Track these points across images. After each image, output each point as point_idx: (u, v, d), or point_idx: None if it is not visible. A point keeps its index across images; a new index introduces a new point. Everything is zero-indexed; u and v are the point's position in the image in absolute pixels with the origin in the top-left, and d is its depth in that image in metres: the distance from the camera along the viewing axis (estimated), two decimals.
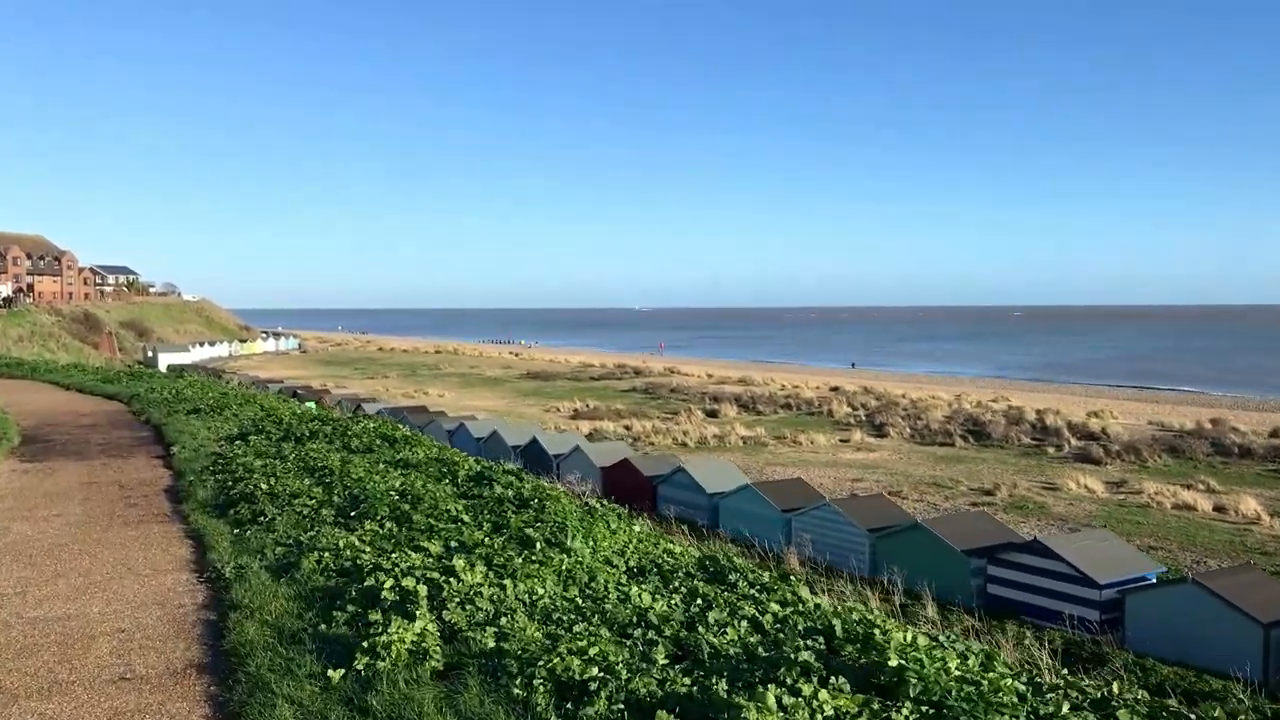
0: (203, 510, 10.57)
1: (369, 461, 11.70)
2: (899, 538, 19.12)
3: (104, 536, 9.91)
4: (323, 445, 13.03)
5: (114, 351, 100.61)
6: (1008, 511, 28.17)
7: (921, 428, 46.07)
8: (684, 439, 43.84)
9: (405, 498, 9.14)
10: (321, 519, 8.96)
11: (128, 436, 18.35)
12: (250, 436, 14.61)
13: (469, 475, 10.62)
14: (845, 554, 19.93)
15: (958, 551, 17.84)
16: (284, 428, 15.03)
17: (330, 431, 14.51)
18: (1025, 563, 16.79)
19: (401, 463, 11.85)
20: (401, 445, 13.15)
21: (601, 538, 6.96)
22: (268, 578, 7.17)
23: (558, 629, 5.16)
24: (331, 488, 10.12)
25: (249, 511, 9.77)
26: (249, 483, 10.75)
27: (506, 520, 7.72)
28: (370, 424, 15.11)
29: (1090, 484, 32.07)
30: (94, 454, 16.01)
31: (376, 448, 13.00)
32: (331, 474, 10.77)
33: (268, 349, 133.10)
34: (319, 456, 11.92)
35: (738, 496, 22.98)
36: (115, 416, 21.86)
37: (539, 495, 8.93)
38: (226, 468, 12.37)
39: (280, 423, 15.90)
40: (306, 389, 53.12)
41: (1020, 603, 16.74)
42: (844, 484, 32.68)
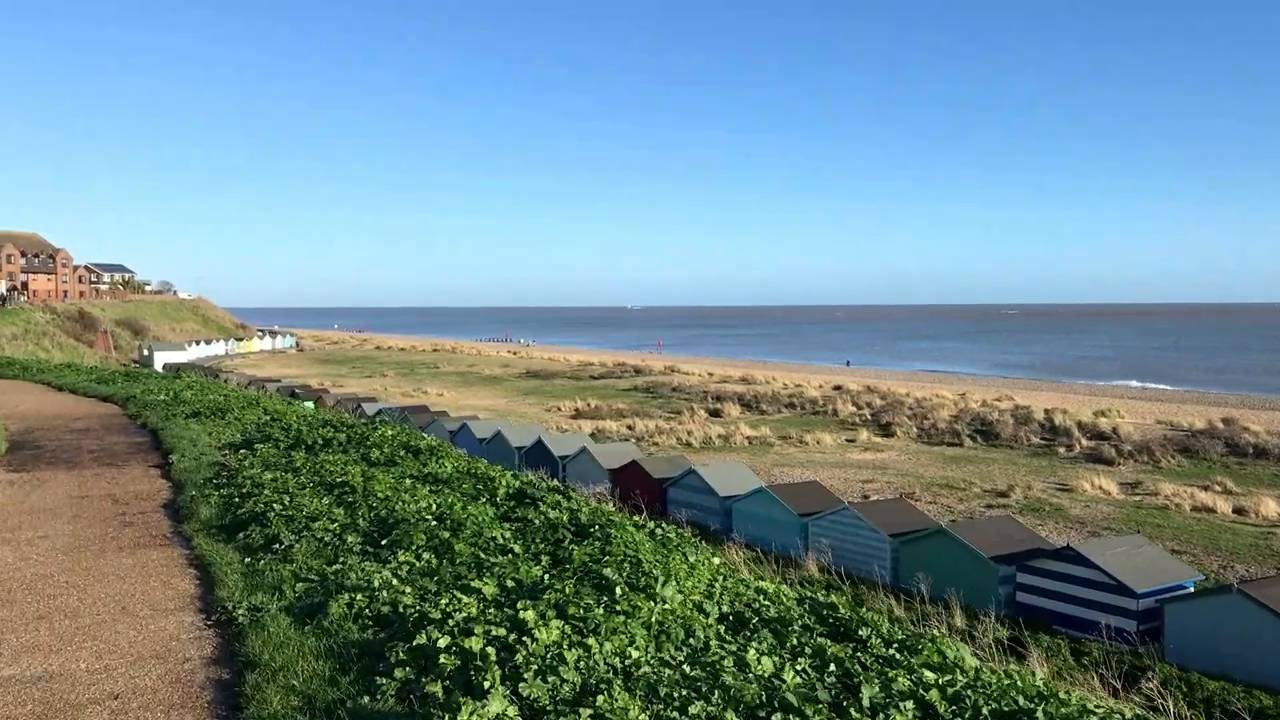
0: (207, 532, 9.52)
1: (394, 476, 10.64)
2: (923, 544, 18.50)
3: (95, 565, 8.71)
4: (339, 456, 11.99)
5: (109, 350, 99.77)
6: (1024, 514, 27.57)
7: (928, 427, 45.49)
8: (688, 439, 43.21)
9: (443, 522, 8.08)
10: (347, 547, 7.96)
11: (123, 442, 17.29)
12: (256, 445, 13.68)
13: (509, 493, 9.63)
14: (866, 560, 19.32)
15: (985, 558, 17.24)
16: (293, 435, 14.17)
17: (345, 440, 13.60)
18: (1057, 570, 16.17)
19: (430, 478, 10.85)
20: (427, 457, 12.04)
21: (681, 574, 5.93)
22: (289, 624, 6.14)
23: (669, 710, 4.10)
24: (355, 508, 9.11)
25: (261, 536, 8.73)
26: (259, 500, 9.82)
27: (568, 553, 6.67)
28: (389, 431, 14.11)
29: (1105, 485, 31.50)
30: (86, 462, 15.00)
31: (400, 459, 11.98)
32: (353, 491, 9.73)
33: (264, 347, 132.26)
34: (336, 470, 10.96)
35: (752, 500, 22.35)
36: (110, 420, 20.80)
37: (597, 519, 7.92)
38: (232, 481, 11.39)
39: (288, 429, 14.99)
40: (305, 388, 52.41)
41: (1052, 612, 16.13)
42: (854, 485, 32.07)
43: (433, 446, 12.58)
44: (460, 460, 12.23)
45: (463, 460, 12.31)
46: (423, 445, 12.63)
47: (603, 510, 8.52)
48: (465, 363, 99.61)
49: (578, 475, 28.29)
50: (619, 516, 8.17)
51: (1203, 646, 14.10)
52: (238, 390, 27.25)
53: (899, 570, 18.84)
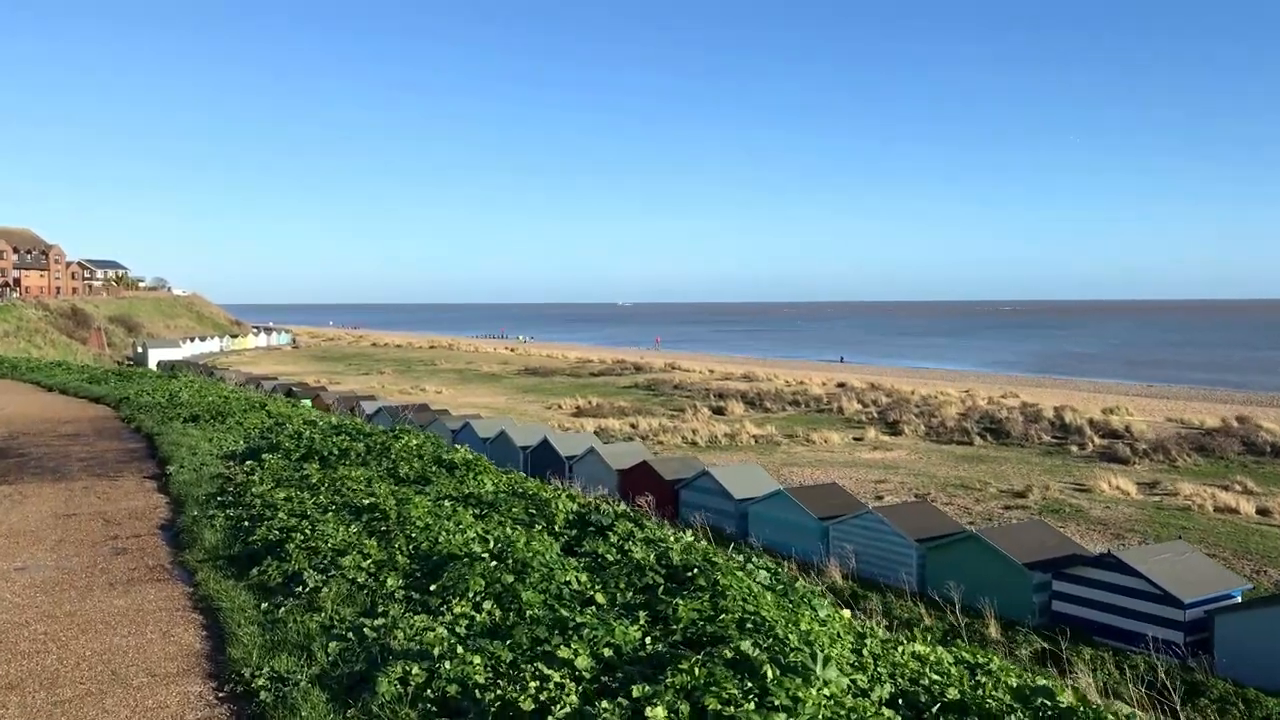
0: (213, 564, 8.08)
1: (430, 498, 9.23)
2: (952, 550, 17.78)
3: (81, 608, 7.24)
4: (361, 471, 10.66)
5: (103, 347, 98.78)
6: (1043, 515, 26.85)
7: (936, 425, 44.82)
8: (693, 438, 42.48)
9: (502, 561, 6.65)
10: (386, 591, 6.55)
11: (115, 449, 16.06)
12: (263, 455, 12.28)
13: (569, 519, 8.17)
14: (892, 566, 18.58)
15: (1019, 565, 16.52)
16: (304, 444, 12.72)
17: (365, 451, 12.11)
18: (1097, 579, 15.45)
19: (472, 499, 9.31)
20: (464, 473, 10.52)
21: (823, 641, 4.63)
22: (325, 705, 4.80)
23: None
24: (390, 539, 7.64)
25: (279, 572, 7.33)
26: (272, 524, 8.51)
27: (668, 607, 5.25)
28: (413, 441, 12.65)
29: (1122, 485, 30.84)
30: (75, 472, 13.78)
31: (433, 476, 10.47)
32: (385, 517, 8.24)
33: (259, 344, 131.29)
34: (361, 488, 9.62)
35: (769, 503, 21.60)
36: (101, 424, 19.56)
37: (692, 558, 6.48)
38: (239, 499, 10.06)
39: (298, 437, 13.63)
40: (302, 386, 51.57)
41: (1091, 622, 15.41)
42: (867, 486, 31.35)
43: (469, 460, 11.23)
44: (500, 476, 10.96)
45: (501, 475, 11.08)
46: (457, 459, 11.20)
47: (696, 546, 7.16)
48: (463, 360, 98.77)
49: (585, 476, 27.53)
50: (719, 555, 6.84)
51: (1256, 660, 13.40)
52: (238, 391, 25.85)
53: (926, 577, 18.11)
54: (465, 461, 11.27)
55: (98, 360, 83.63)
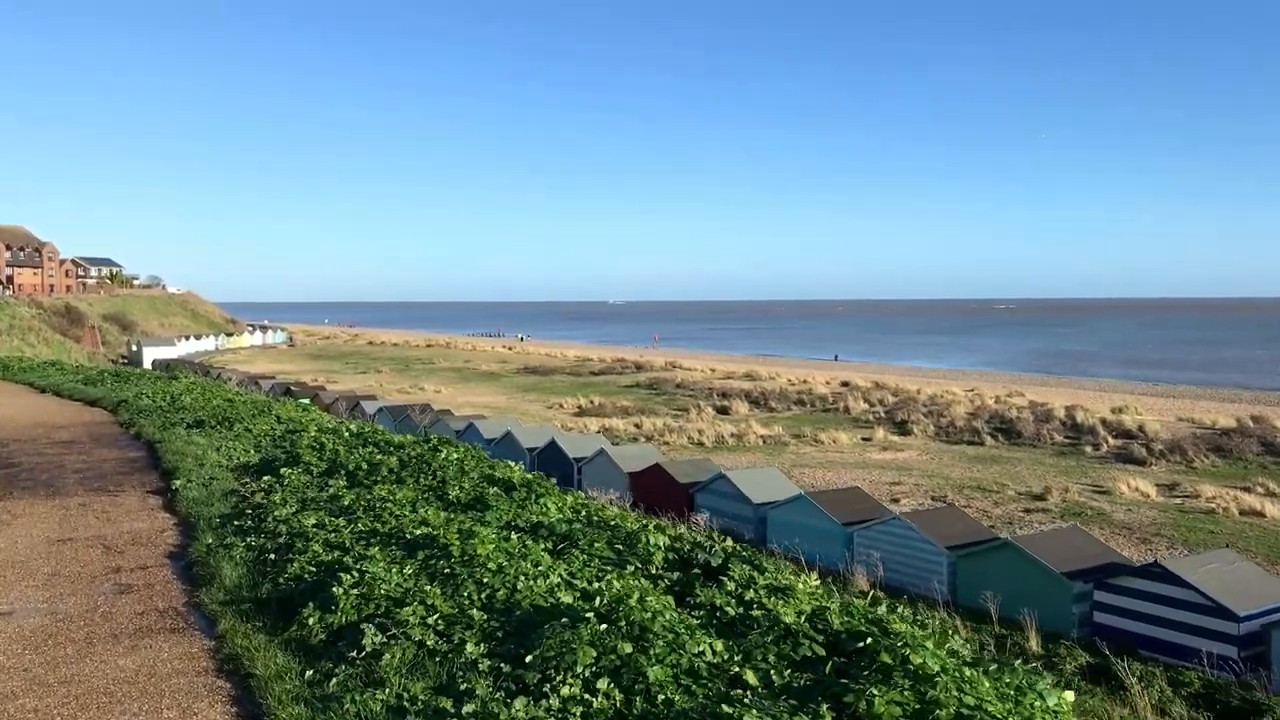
0: (237, 610, 6.76)
1: (493, 528, 7.75)
2: (985, 558, 17.06)
3: (80, 671, 5.91)
4: (403, 492, 9.22)
5: (97, 345, 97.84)
6: (1065, 519, 26.19)
7: (946, 425, 44.11)
8: (699, 438, 41.73)
9: (613, 624, 5.24)
10: (465, 659, 5.18)
11: (114, 459, 14.91)
12: (281, 468, 10.83)
13: (668, 558, 6.90)
14: (921, 575, 17.87)
15: (1058, 574, 15.81)
16: (328, 456, 11.26)
17: (399, 466, 10.54)
18: (1143, 589, 14.75)
19: (542, 530, 7.87)
20: (524, 495, 9.00)
21: None
22: None
23: None
24: (457, 584, 6.27)
25: (321, 626, 5.94)
26: (306, 559, 7.20)
27: (861, 697, 4.08)
28: (454, 453, 11.02)
29: (1141, 487, 30.14)
30: (70, 486, 12.58)
31: (490, 499, 8.86)
32: (446, 555, 6.84)
33: (255, 342, 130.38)
34: (405, 514, 8.27)
35: (790, 508, 20.88)
36: (98, 430, 18.30)
37: (856, 625, 5.27)
38: (260, 523, 8.73)
39: (320, 448, 12.03)
40: (300, 385, 50.76)
41: (1137, 635, 14.70)
42: (881, 488, 30.62)
43: (528, 480, 9.80)
44: (562, 497, 9.40)
45: (565, 496, 9.52)
46: (515, 477, 9.71)
47: (855, 605, 5.68)
48: (461, 358, 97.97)
49: (594, 479, 26.81)
50: (899, 621, 5.46)
51: None
52: (243, 394, 24.55)
53: (958, 586, 17.40)
54: (525, 481, 9.80)
55: (92, 359, 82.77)
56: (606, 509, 9.32)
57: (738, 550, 7.04)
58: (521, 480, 10.15)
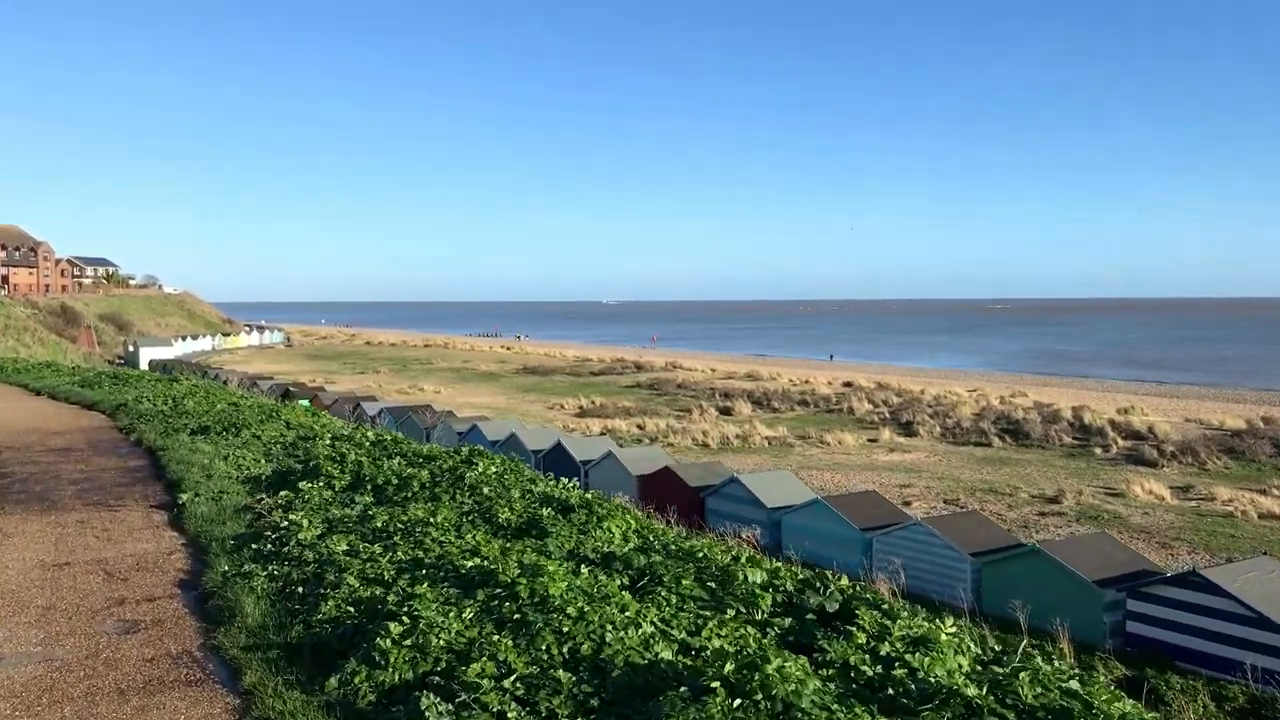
0: (265, 658, 5.81)
1: (555, 559, 6.65)
2: (1011, 565, 16.58)
3: None
4: (443, 511, 8.10)
5: (93, 346, 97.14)
6: (1081, 522, 25.77)
7: (952, 426, 43.66)
8: (704, 439, 41.24)
9: (746, 699, 4.21)
10: None
11: (114, 469, 13.98)
12: (299, 482, 9.85)
13: (782, 601, 5.88)
14: (944, 582, 17.38)
15: (1088, 582, 15.32)
16: (349, 468, 10.16)
17: (432, 480, 9.43)
18: (1179, 599, 14.27)
19: (615, 561, 6.75)
20: (582, 516, 7.73)
21: None
22: None
23: None
24: (530, 633, 5.24)
25: (370, 686, 4.96)
26: (341, 596, 6.29)
27: None
28: (491, 466, 9.90)
29: (1155, 489, 29.69)
30: (67, 499, 11.63)
31: (547, 522, 7.63)
32: (512, 595, 5.79)
33: (252, 343, 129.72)
34: (450, 539, 7.25)
35: (806, 513, 20.38)
36: (96, 436, 17.25)
37: (1053, 700, 4.32)
38: (281, 547, 7.78)
39: (340, 460, 10.83)
40: (299, 386, 50.21)
41: (1174, 646, 14.23)
42: (891, 490, 30.15)
43: (587, 500, 8.49)
44: (624, 519, 8.07)
45: (627, 518, 8.12)
46: (571, 497, 8.39)
47: (1045, 673, 4.75)
48: (459, 358, 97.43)
49: (602, 482, 26.29)
50: (1089, 683, 4.66)
51: None
52: (249, 397, 23.68)
53: (982, 594, 16.91)
54: (584, 501, 8.47)
55: (88, 359, 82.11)
56: (683, 536, 8.43)
57: (858, 589, 6.31)
58: (580, 500, 8.92)
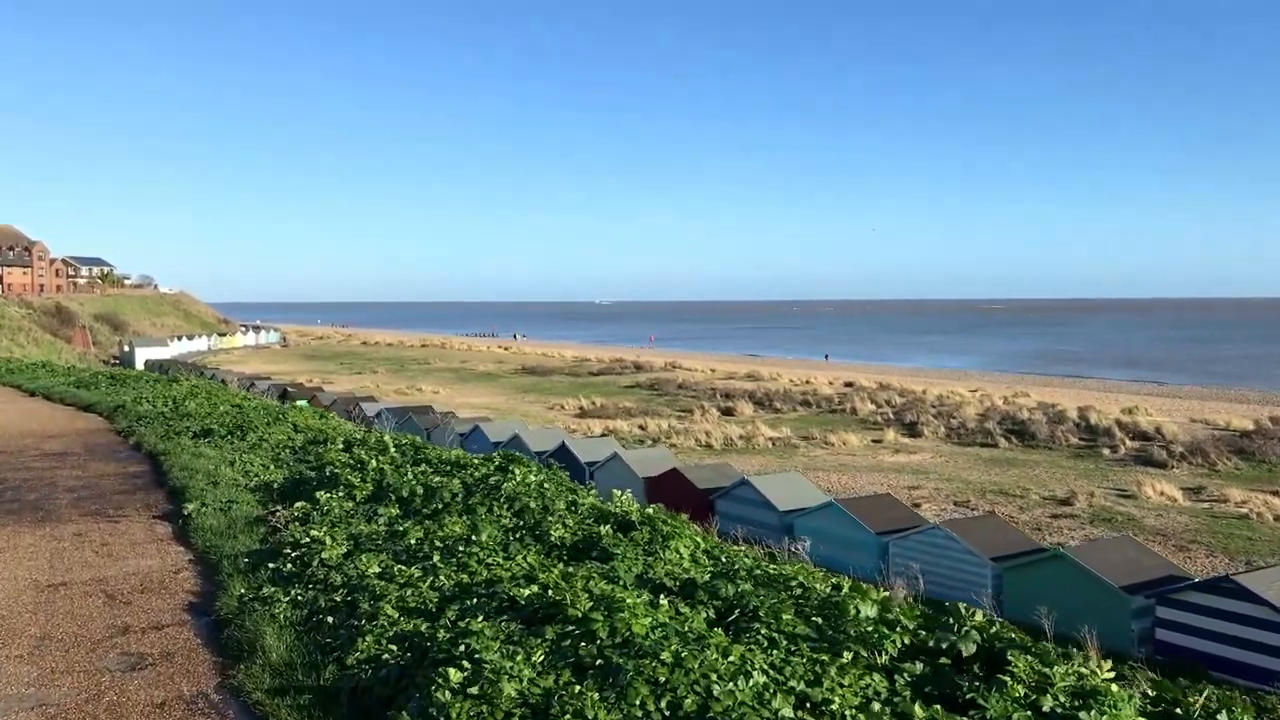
0: (295, 705, 5.00)
1: (629, 591, 5.69)
2: (1033, 570, 16.17)
3: None
4: (482, 526, 7.03)
5: (88, 346, 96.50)
6: (1095, 524, 25.38)
7: (957, 427, 43.24)
8: (707, 440, 40.80)
9: None
10: None
11: (113, 475, 13.13)
12: (316, 491, 8.88)
13: (903, 644, 5.15)
14: (962, 588, 16.93)
15: (1115, 588, 14.91)
16: (370, 476, 9.23)
17: (464, 490, 8.39)
18: (1211, 605, 13.86)
19: (697, 590, 5.78)
20: (645, 535, 6.74)
21: None
22: None
23: None
24: (620, 683, 4.31)
25: None
26: (379, 630, 5.41)
27: None
28: (530, 475, 9.11)
29: (1167, 491, 29.30)
30: (62, 509, 10.78)
31: (607, 542, 6.64)
32: (588, 633, 4.91)
33: (248, 343, 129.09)
34: (498, 561, 6.28)
35: (819, 516, 19.96)
36: (93, 439, 16.41)
37: None
38: (304, 567, 6.86)
39: (359, 466, 9.89)
40: (297, 386, 49.71)
41: (1207, 655, 13.82)
42: (900, 492, 29.71)
43: (648, 515, 7.43)
44: (691, 537, 7.03)
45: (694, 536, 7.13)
46: (630, 512, 7.28)
47: None
48: (457, 359, 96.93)
49: (607, 485, 25.84)
50: None
51: None
52: (253, 399, 22.81)
53: (1003, 600, 16.49)
54: (645, 518, 7.36)
55: (83, 359, 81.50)
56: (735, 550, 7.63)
57: (1000, 627, 5.61)
58: (641, 516, 7.69)
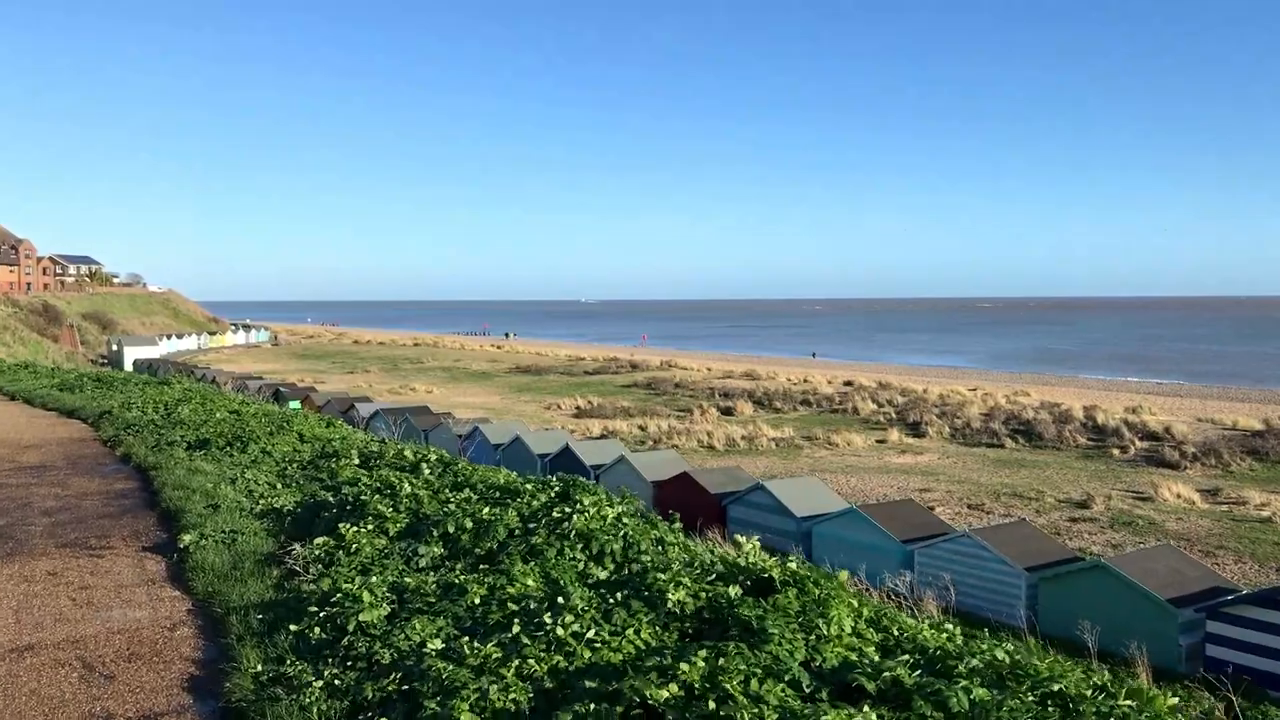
0: None
1: (804, 686, 4.36)
2: (1072, 581, 15.44)
3: None
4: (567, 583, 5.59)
5: (75, 345, 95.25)
6: (1115, 529, 24.73)
7: (961, 427, 42.57)
8: (709, 441, 40.04)
9: None
10: None
11: (97, 493, 11.58)
12: (341, 524, 7.18)
13: None
14: (994, 599, 16.24)
15: (1161, 601, 14.20)
16: (403, 504, 7.61)
17: (521, 524, 6.96)
18: (1267, 620, 13.16)
19: (911, 696, 4.35)
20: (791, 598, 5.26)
21: None
22: None
23: None
24: None
25: None
26: None
27: None
28: (606, 506, 7.44)
29: (1184, 493, 28.65)
30: (36, 538, 9.26)
31: (746, 611, 4.99)
32: None
33: (238, 342, 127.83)
34: (600, 636, 4.81)
35: (839, 522, 19.21)
36: (76, 450, 14.97)
37: None
38: (339, 635, 5.45)
39: (390, 491, 8.22)
40: (289, 386, 48.78)
41: (1262, 672, 13.11)
42: (911, 494, 29.03)
43: (793, 573, 5.76)
44: (855, 605, 5.63)
45: (856, 599, 5.89)
46: (770, 568, 5.69)
47: None
48: (450, 358, 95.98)
49: (614, 488, 25.07)
50: None
51: None
52: (251, 403, 21.08)
53: (1039, 612, 15.77)
54: (790, 575, 5.75)
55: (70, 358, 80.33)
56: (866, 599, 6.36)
57: None
58: (785, 574, 5.87)
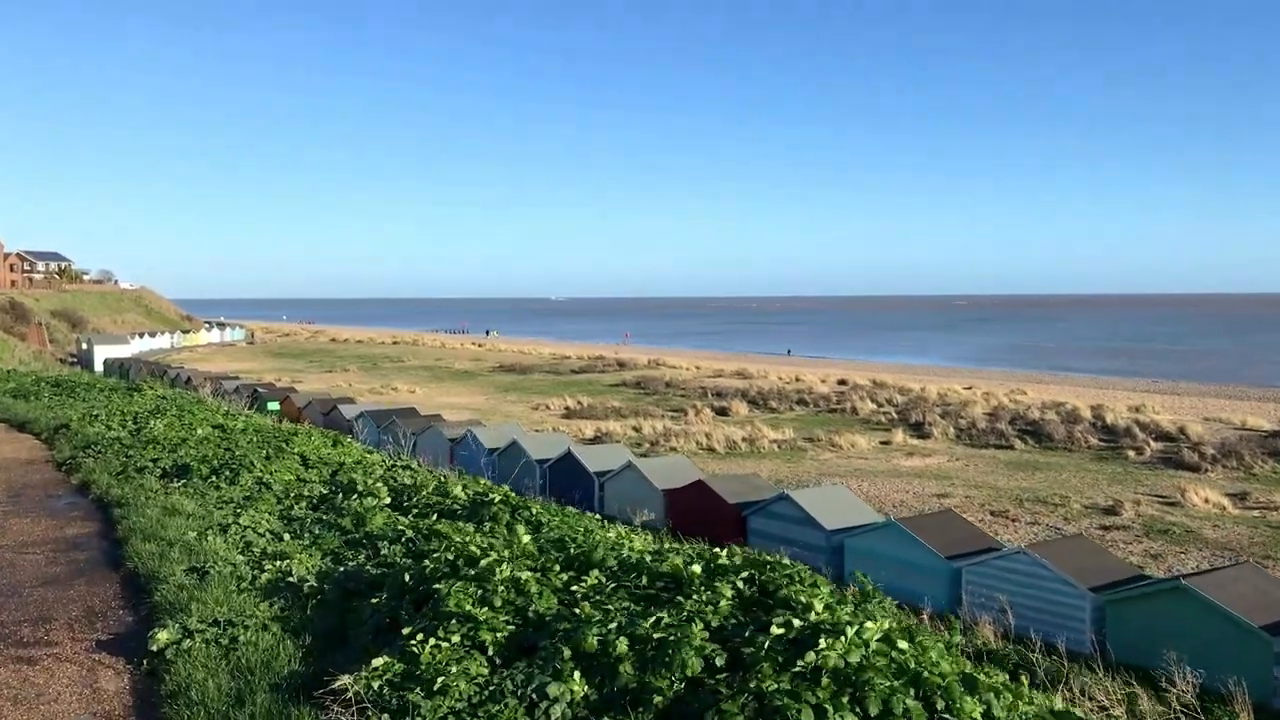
0: None
1: None
2: (1144, 604, 13.98)
3: None
4: None
5: (44, 344, 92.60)
6: (1151, 537, 23.39)
7: (966, 427, 41.22)
8: (708, 443, 38.47)
9: None
10: None
11: (41, 543, 8.86)
12: (407, 627, 4.97)
13: None
14: (1054, 623, 14.74)
15: (1255, 629, 12.76)
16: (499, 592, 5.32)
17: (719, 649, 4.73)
18: None
19: None
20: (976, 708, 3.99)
21: None
22: None
23: None
24: None
25: None
26: None
27: None
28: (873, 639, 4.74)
29: (1212, 497, 27.37)
30: None
31: None
32: None
33: (213, 340, 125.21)
34: None
35: (874, 536, 17.69)
36: (21, 476, 12.11)
37: None
38: None
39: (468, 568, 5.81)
40: (268, 387, 46.86)
41: None
42: (928, 500, 27.68)
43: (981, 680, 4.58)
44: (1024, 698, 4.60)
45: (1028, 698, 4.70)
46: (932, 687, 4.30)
47: None
48: (431, 356, 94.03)
49: (619, 497, 23.50)
50: None
51: None
52: (237, 415, 17.44)
53: (1105, 637, 14.30)
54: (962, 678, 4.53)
55: (39, 357, 77.79)
56: None
57: None
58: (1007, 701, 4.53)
